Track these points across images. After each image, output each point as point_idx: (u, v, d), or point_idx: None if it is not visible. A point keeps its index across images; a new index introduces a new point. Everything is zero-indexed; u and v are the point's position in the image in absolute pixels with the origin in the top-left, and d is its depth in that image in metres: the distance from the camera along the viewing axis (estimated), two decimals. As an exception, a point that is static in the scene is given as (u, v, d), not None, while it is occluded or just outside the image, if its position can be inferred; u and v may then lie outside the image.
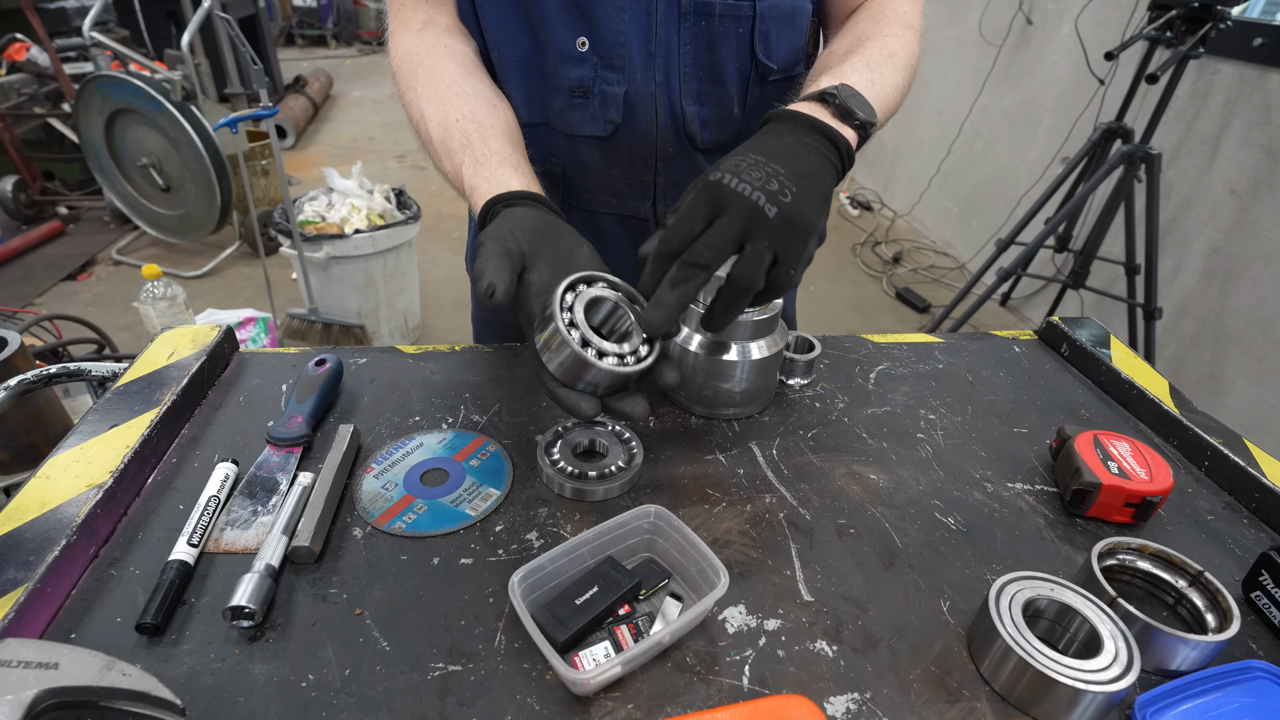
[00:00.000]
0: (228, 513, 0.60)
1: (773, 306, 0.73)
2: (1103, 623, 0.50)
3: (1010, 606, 0.51)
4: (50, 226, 3.55)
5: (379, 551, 0.57)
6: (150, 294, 1.73)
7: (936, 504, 0.66)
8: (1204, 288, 2.46)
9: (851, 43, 0.72)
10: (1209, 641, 0.50)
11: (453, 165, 0.69)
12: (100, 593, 0.52)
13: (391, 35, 0.76)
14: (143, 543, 0.56)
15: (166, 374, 0.73)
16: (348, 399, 0.75)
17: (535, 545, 0.59)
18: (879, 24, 0.73)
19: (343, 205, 2.59)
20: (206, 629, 0.50)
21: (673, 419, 0.75)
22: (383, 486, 0.64)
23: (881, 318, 3.34)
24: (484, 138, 0.69)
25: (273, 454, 0.65)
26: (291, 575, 0.55)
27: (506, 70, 0.78)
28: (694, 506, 0.64)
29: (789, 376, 0.82)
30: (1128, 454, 0.67)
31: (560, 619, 0.51)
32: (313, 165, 4.68)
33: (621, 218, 0.84)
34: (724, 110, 0.79)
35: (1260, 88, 2.26)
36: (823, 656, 0.51)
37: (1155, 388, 0.83)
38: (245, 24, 5.18)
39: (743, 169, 0.54)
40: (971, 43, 3.60)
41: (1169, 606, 0.58)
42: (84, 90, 2.99)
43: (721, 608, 0.55)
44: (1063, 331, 0.93)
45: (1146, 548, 0.58)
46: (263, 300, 2.67)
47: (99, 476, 0.59)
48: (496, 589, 0.55)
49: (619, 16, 0.72)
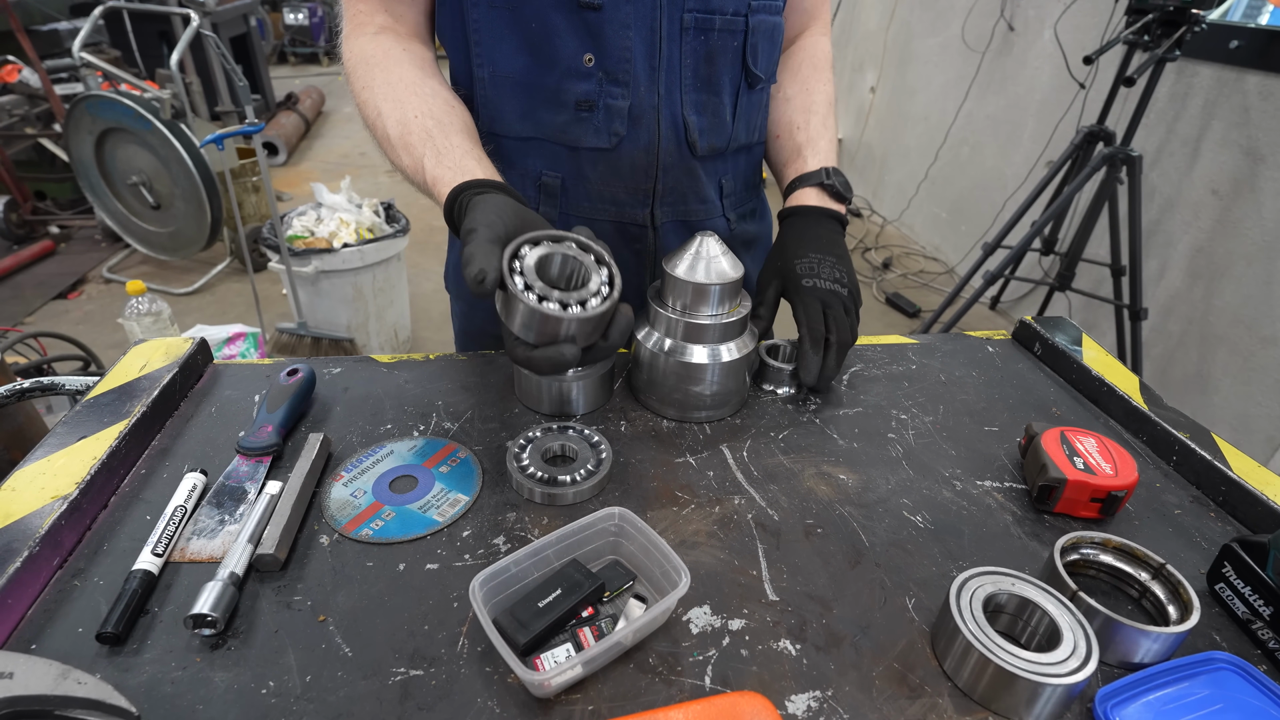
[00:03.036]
0: (195, 522, 0.60)
1: (742, 308, 0.74)
2: (1062, 615, 0.50)
3: (971, 602, 0.51)
4: (41, 246, 3.56)
5: (345, 558, 0.57)
6: (135, 310, 1.73)
7: (905, 502, 0.67)
8: (1189, 288, 2.47)
9: (804, 97, 0.92)
10: (1170, 633, 0.51)
11: (412, 159, 0.70)
12: (63, 603, 0.52)
13: (346, 37, 0.78)
14: (108, 553, 0.56)
15: (138, 386, 0.73)
16: (320, 408, 0.75)
17: (502, 550, 0.59)
18: (816, 71, 0.93)
19: (331, 220, 2.60)
20: (168, 638, 0.50)
21: (644, 423, 0.76)
22: (351, 494, 0.64)
23: (872, 323, 3.35)
24: (444, 133, 0.71)
25: (242, 463, 0.65)
26: (256, 583, 0.55)
27: (499, 85, 0.79)
28: (663, 509, 0.64)
29: (777, 385, 0.82)
30: (1094, 449, 0.67)
31: (522, 621, 0.51)
32: (305, 181, 4.69)
33: (620, 225, 0.86)
34: (719, 118, 0.83)
35: (1238, 89, 2.28)
36: (785, 655, 0.52)
37: (1125, 384, 0.83)
38: (237, 42, 5.22)
39: (819, 270, 0.79)
40: (955, 50, 3.64)
41: (1133, 600, 0.58)
42: (74, 110, 3.00)
43: (686, 608, 0.55)
44: (1036, 331, 0.93)
45: (1110, 541, 0.58)
46: (253, 316, 2.67)
47: (65, 488, 0.59)
48: (461, 593, 0.55)
49: (625, 34, 0.75)
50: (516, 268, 0.59)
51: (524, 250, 0.61)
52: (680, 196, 0.86)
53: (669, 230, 0.88)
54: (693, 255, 0.71)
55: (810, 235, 0.82)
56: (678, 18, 0.76)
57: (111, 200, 3.30)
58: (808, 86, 0.92)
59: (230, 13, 4.90)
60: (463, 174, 0.67)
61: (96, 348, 2.28)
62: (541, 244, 0.62)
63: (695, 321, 0.71)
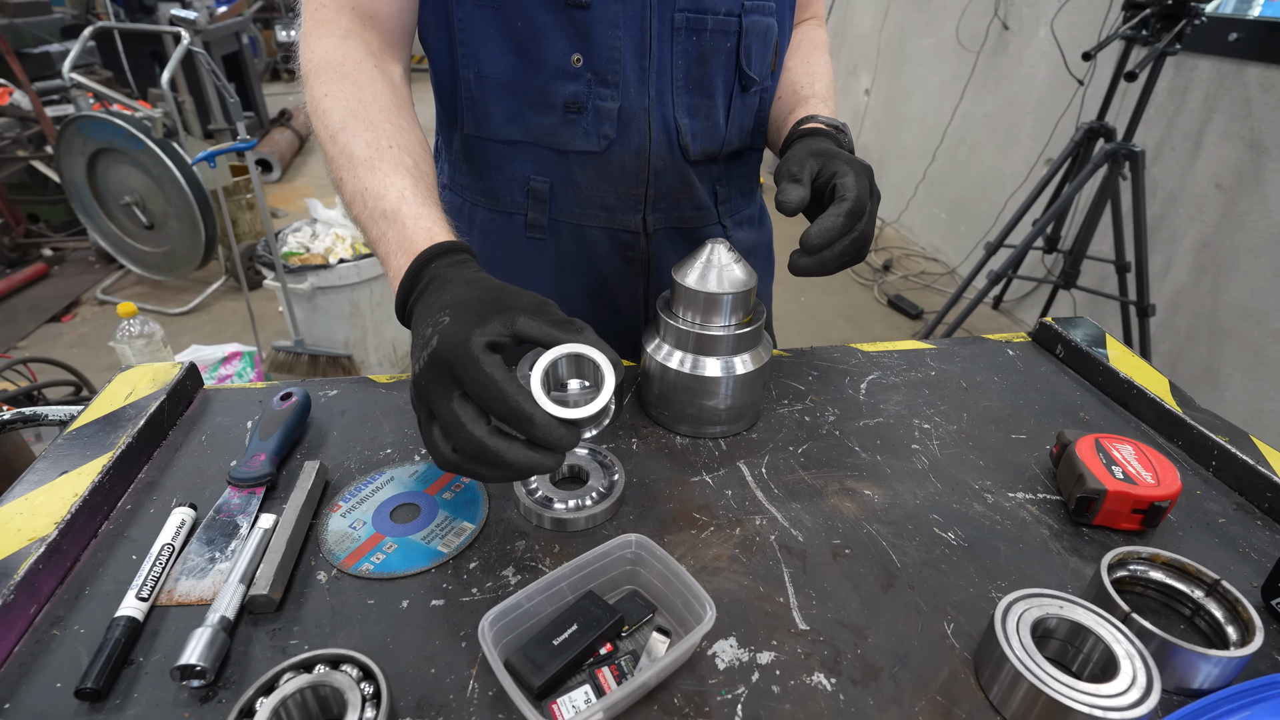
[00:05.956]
0: (183, 561, 0.56)
1: (757, 317, 0.70)
2: (1118, 642, 0.46)
3: (1018, 627, 0.48)
4: (34, 269, 3.52)
5: (344, 596, 0.54)
6: (127, 332, 1.69)
7: (935, 518, 0.63)
8: (1195, 283, 2.45)
9: (806, 66, 0.89)
10: (1234, 657, 0.47)
11: (379, 183, 0.60)
12: (40, 655, 0.48)
13: (307, 34, 0.69)
14: (90, 598, 0.53)
15: (123, 415, 0.70)
16: (316, 433, 0.72)
17: (512, 582, 0.56)
18: (815, 49, 0.91)
19: (327, 235, 2.56)
20: (154, 691, 0.46)
21: (656, 440, 0.72)
22: (350, 525, 0.60)
23: (874, 326, 3.32)
24: (427, 180, 0.63)
25: (233, 495, 0.62)
26: (249, 627, 0.51)
27: (485, 87, 0.76)
28: (680, 532, 0.61)
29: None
30: (1132, 457, 0.64)
31: (536, 662, 0.47)
32: (299, 197, 4.67)
33: (611, 231, 0.83)
34: (711, 122, 0.80)
35: (1239, 81, 2.26)
36: (820, 691, 0.48)
37: (1155, 386, 0.80)
38: (230, 60, 5.20)
39: (855, 162, 0.68)
40: (950, 50, 3.63)
41: (1185, 619, 0.55)
42: (65, 131, 2.98)
43: (711, 642, 0.51)
44: (1057, 332, 0.90)
45: (1158, 556, 0.55)
46: (249, 335, 2.64)
47: (43, 529, 0.56)
48: (469, 631, 0.51)
49: (614, 33, 0.72)
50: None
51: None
52: (673, 202, 0.82)
53: (662, 237, 0.84)
54: (704, 264, 0.68)
55: (834, 146, 0.71)
56: (668, 17, 0.73)
57: (105, 221, 3.27)
58: (809, 59, 0.90)
59: (222, 31, 4.89)
60: (444, 233, 0.58)
61: (91, 371, 2.24)
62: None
63: (708, 333, 0.68)
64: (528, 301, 0.50)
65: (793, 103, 0.85)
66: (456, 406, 0.46)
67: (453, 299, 0.50)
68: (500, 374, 0.46)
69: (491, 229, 0.84)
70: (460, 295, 0.50)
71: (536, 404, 0.46)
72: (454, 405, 0.46)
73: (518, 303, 0.50)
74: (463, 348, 0.46)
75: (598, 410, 0.49)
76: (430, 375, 0.48)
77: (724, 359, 0.69)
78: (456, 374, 0.46)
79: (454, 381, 0.47)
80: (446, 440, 0.48)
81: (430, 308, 0.51)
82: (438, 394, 0.47)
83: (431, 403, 0.48)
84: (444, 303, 0.50)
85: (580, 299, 0.86)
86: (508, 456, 0.46)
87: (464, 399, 0.47)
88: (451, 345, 0.46)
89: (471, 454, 0.46)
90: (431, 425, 0.49)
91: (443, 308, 0.49)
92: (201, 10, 4.46)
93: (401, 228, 0.57)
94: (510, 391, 0.45)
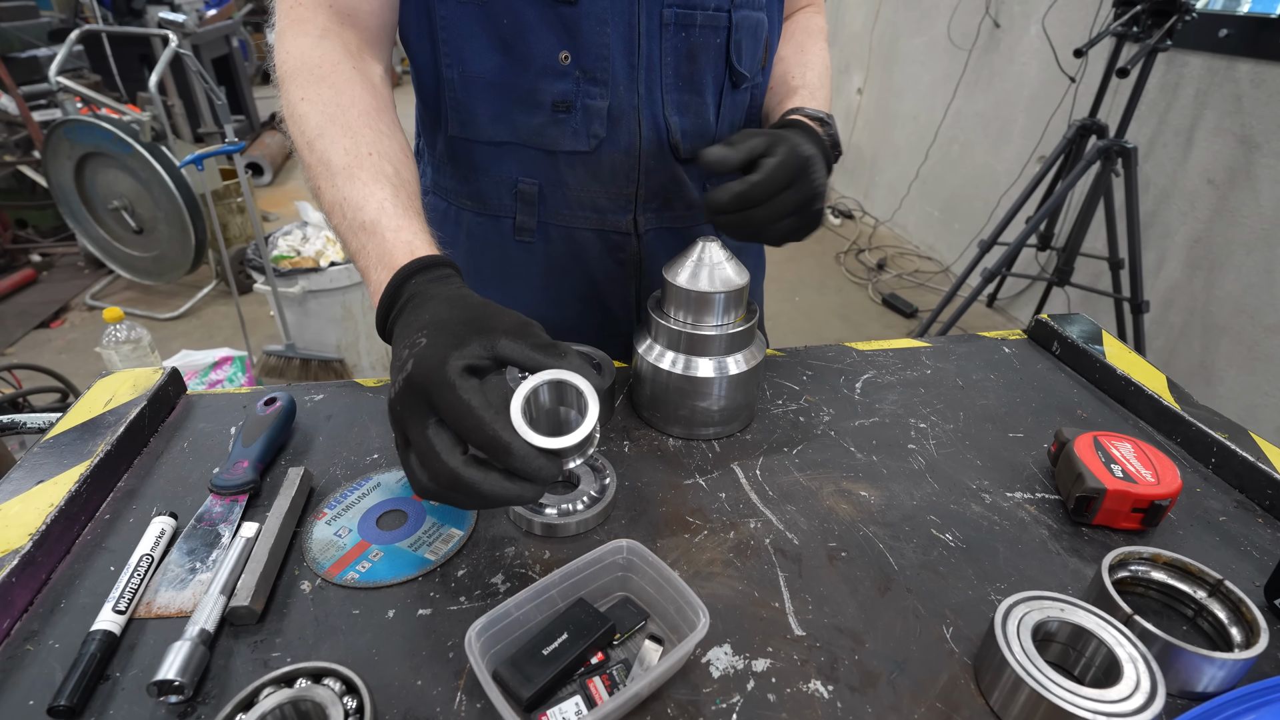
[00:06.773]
0: (163, 572, 0.54)
1: (750, 316, 0.69)
2: (1120, 645, 0.45)
3: (1019, 631, 0.47)
4: (22, 275, 3.49)
5: (328, 606, 0.52)
6: (113, 338, 1.67)
7: (933, 519, 0.62)
8: (1189, 278, 2.45)
9: (799, 55, 0.87)
10: (1239, 659, 0.46)
11: (358, 193, 0.58)
12: (13, 672, 0.47)
13: (282, 34, 0.67)
14: (65, 611, 0.51)
15: (102, 422, 0.68)
16: (301, 439, 0.70)
17: (501, 589, 0.54)
18: (811, 37, 0.89)
19: (317, 238, 2.54)
20: (130, 707, 0.45)
21: (648, 442, 0.71)
22: (335, 533, 0.59)
23: (869, 324, 3.32)
24: (408, 189, 0.61)
25: (215, 503, 0.60)
26: (230, 639, 0.50)
27: (470, 87, 0.74)
28: (674, 536, 0.60)
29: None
30: (1131, 455, 0.63)
31: (526, 674, 0.46)
32: (290, 200, 4.63)
33: (601, 232, 0.81)
34: (702, 119, 0.79)
35: (1229, 78, 2.27)
36: (817, 698, 0.47)
37: (1153, 383, 0.79)
38: (220, 64, 5.17)
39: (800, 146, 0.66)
40: (941, 48, 3.63)
41: (1188, 620, 0.54)
42: (51, 135, 2.94)
43: (705, 649, 0.50)
44: (1053, 329, 0.89)
45: (1160, 556, 0.54)
46: (240, 339, 2.61)
47: (16, 541, 0.54)
48: (456, 641, 0.50)
49: (602, 29, 0.70)
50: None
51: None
52: (664, 202, 0.81)
53: (654, 238, 0.83)
54: (695, 262, 0.66)
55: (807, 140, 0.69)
56: (657, 13, 0.71)
57: (93, 226, 3.24)
58: (803, 47, 0.88)
59: (212, 34, 4.85)
60: (428, 246, 0.56)
61: (79, 377, 2.21)
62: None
63: (700, 333, 0.67)
64: (510, 322, 0.48)
65: (782, 94, 0.84)
66: (432, 434, 0.45)
67: (432, 318, 0.48)
68: (478, 400, 0.44)
69: (478, 233, 0.82)
70: (439, 314, 0.48)
71: (515, 432, 0.44)
72: (429, 433, 0.45)
73: (499, 323, 0.48)
74: (438, 373, 0.44)
75: (580, 439, 0.47)
76: (405, 401, 0.46)
77: (717, 359, 0.68)
78: (432, 400, 0.44)
79: (429, 408, 0.45)
80: (423, 469, 0.46)
81: (409, 327, 0.49)
82: (412, 421, 0.45)
83: (406, 429, 0.46)
84: (422, 322, 0.48)
85: (571, 303, 0.85)
86: (483, 488, 0.44)
87: (440, 426, 0.45)
88: (427, 370, 0.44)
89: (446, 484, 0.45)
90: (408, 451, 0.47)
91: (420, 328, 0.48)
92: (190, 13, 4.43)
93: (381, 240, 0.55)
94: (487, 420, 0.43)
